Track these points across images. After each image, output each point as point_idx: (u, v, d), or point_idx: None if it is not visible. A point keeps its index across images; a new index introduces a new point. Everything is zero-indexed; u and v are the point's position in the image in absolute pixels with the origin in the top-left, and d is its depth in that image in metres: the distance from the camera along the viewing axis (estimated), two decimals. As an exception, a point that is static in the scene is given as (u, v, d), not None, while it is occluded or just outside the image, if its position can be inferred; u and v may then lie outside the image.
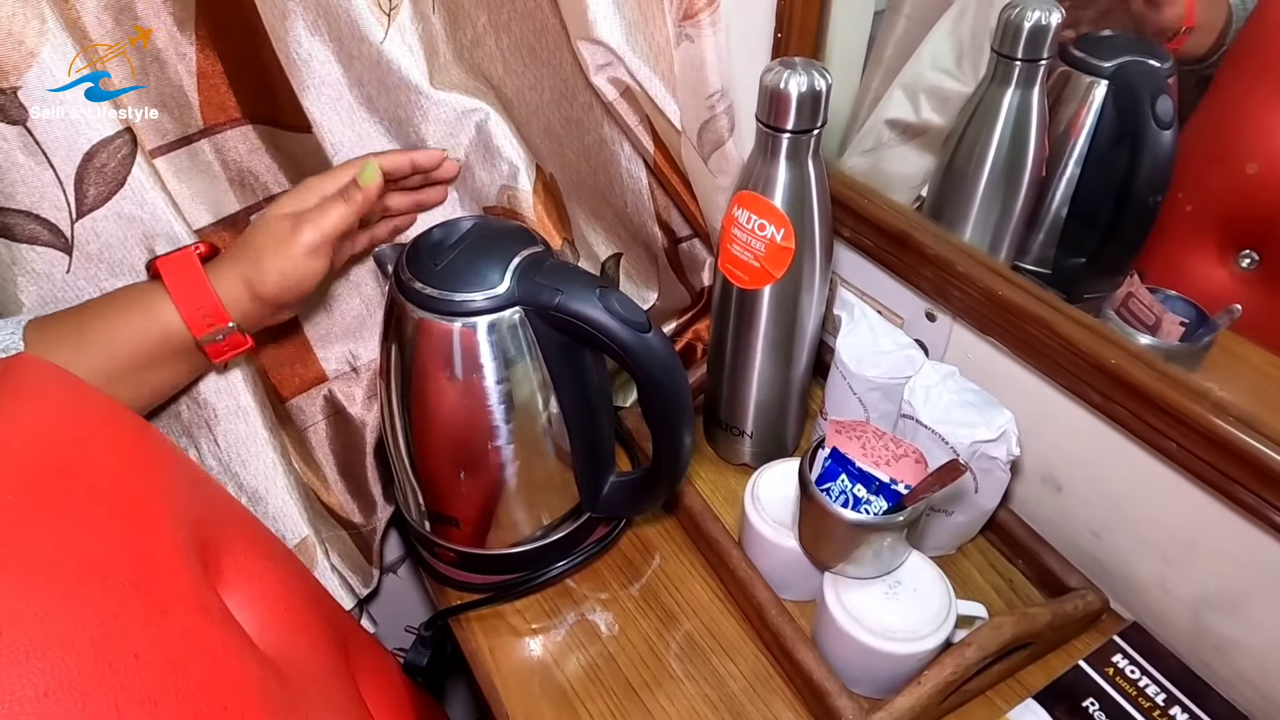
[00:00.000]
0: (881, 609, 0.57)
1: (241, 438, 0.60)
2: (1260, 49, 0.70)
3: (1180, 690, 0.58)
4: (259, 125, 0.58)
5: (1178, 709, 0.57)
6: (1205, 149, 0.74)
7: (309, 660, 0.46)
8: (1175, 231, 0.81)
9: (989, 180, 0.72)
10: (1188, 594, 0.60)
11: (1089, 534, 0.65)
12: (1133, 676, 0.59)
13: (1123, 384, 0.56)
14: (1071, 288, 0.82)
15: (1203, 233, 0.78)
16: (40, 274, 0.52)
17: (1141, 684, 0.59)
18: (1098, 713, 0.57)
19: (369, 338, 0.70)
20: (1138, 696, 0.58)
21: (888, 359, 0.67)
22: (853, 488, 0.59)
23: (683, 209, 0.72)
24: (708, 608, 0.66)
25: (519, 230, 0.58)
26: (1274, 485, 0.49)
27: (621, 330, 0.53)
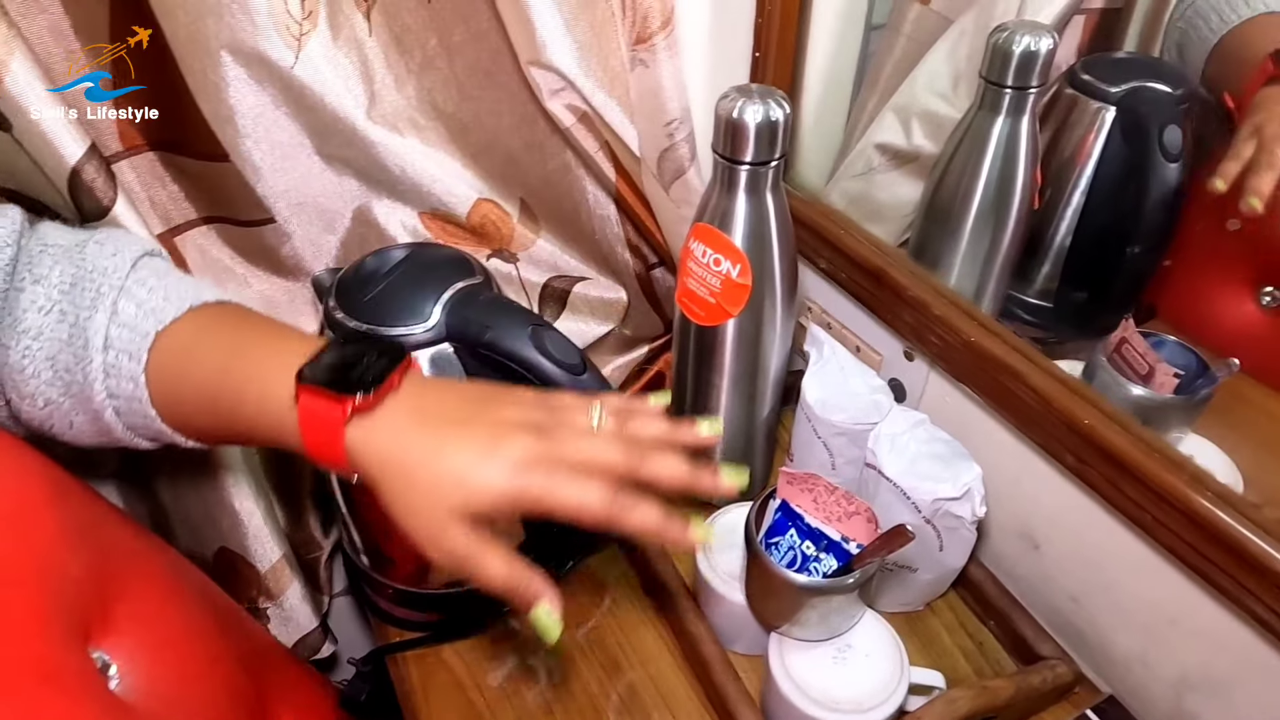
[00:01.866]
0: (828, 675, 0.54)
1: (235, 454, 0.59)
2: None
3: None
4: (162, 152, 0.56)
5: None
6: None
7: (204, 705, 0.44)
8: (1193, 266, 0.76)
9: (976, 213, 0.68)
10: (1169, 673, 0.55)
11: (1067, 598, 0.61)
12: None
13: (1097, 447, 0.51)
14: (1073, 324, 0.77)
15: (1222, 268, 0.73)
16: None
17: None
18: None
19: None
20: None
21: (855, 402, 0.63)
22: (801, 544, 0.55)
23: (648, 236, 0.69)
24: (655, 659, 0.63)
25: (456, 259, 0.55)
26: (1254, 572, 0.44)
27: (554, 371, 0.50)
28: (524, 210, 0.65)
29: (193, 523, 0.61)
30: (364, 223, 0.63)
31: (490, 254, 0.67)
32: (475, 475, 0.39)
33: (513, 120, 0.62)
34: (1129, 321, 0.66)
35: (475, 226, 0.63)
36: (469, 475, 0.39)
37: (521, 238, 0.65)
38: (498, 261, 0.68)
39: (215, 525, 0.61)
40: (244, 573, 0.63)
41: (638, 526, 0.42)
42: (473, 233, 0.64)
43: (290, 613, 0.66)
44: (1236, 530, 0.45)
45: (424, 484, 0.39)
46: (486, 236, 0.64)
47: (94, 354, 0.41)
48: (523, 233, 0.65)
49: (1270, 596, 0.44)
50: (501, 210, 0.63)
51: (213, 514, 0.60)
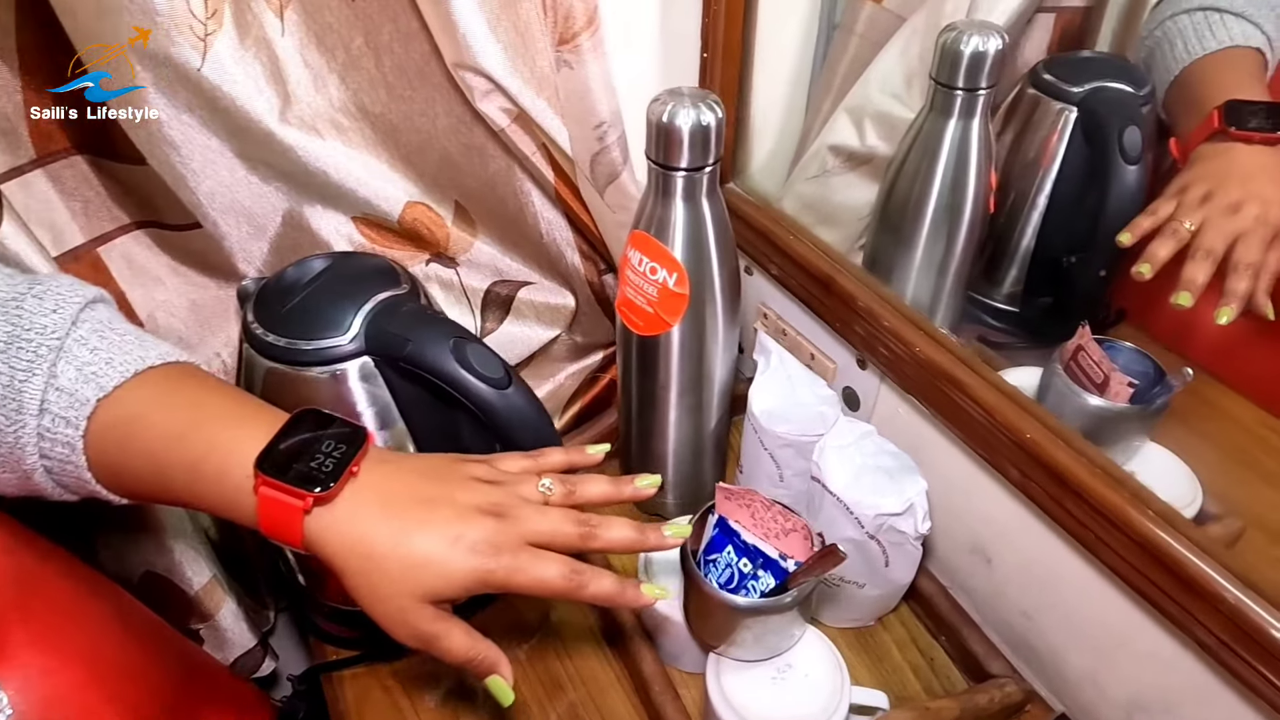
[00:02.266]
0: (765, 696, 0.52)
1: None
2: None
3: None
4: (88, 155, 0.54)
5: None
6: None
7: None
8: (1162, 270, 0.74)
9: (929, 217, 0.66)
10: (1119, 694, 0.54)
11: (1020, 614, 0.59)
12: None
13: (1040, 463, 0.50)
14: (1038, 329, 0.76)
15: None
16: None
17: None
18: None
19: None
20: None
21: (802, 413, 0.61)
22: (739, 561, 0.53)
23: (592, 241, 0.67)
24: (597, 677, 0.61)
25: (380, 269, 0.53)
26: (1196, 595, 0.43)
27: (476, 385, 0.49)
28: (459, 213, 0.63)
29: (114, 544, 0.59)
30: (296, 228, 0.61)
31: (429, 259, 0.65)
32: (442, 563, 0.40)
33: (449, 122, 0.60)
34: (1085, 329, 0.64)
35: (408, 230, 0.61)
36: (436, 563, 0.40)
37: (458, 240, 0.63)
38: (438, 267, 0.66)
39: (139, 546, 0.59)
40: (173, 596, 0.61)
41: (595, 596, 0.44)
42: (407, 237, 0.62)
43: (225, 632, 0.64)
44: (1177, 551, 0.43)
45: (391, 571, 0.40)
46: (422, 240, 0.62)
47: (28, 418, 0.39)
48: (459, 235, 0.63)
49: (1212, 620, 0.43)
50: (434, 213, 0.61)
51: (135, 535, 0.58)
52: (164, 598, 0.61)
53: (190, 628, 0.63)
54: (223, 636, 0.64)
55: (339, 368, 0.49)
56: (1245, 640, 0.41)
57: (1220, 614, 0.42)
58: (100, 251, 0.58)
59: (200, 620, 0.62)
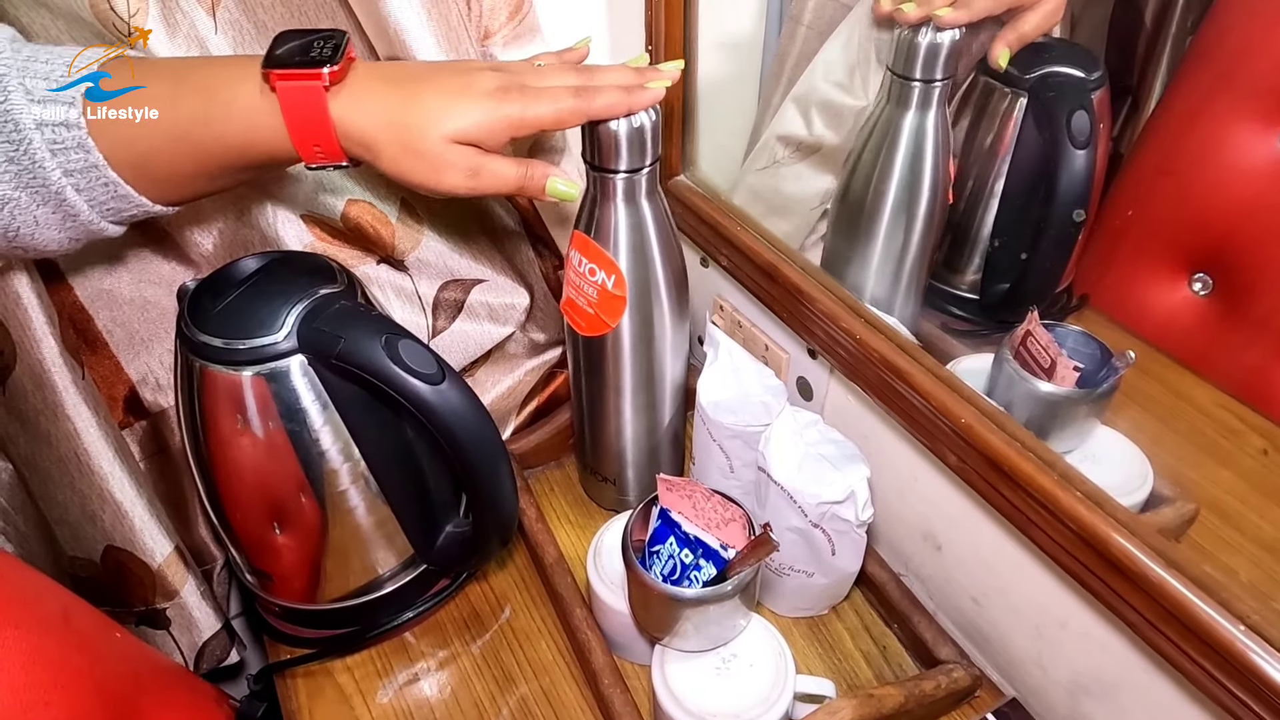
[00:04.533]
0: (708, 687, 0.52)
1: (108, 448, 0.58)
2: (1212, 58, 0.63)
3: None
4: None
5: None
6: (1154, 164, 0.68)
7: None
8: (1124, 254, 0.74)
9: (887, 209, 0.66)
10: (1063, 675, 0.54)
11: (970, 600, 0.59)
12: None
13: (975, 448, 0.50)
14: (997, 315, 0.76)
15: (1153, 255, 0.71)
16: None
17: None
18: None
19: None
20: None
21: (747, 404, 0.61)
22: (680, 552, 0.53)
23: (544, 236, 0.67)
24: (550, 670, 0.61)
25: (317, 267, 0.53)
26: (1123, 576, 0.43)
27: (409, 381, 0.48)
28: (405, 209, 0.63)
29: (71, 522, 0.59)
30: (247, 224, 0.61)
31: (379, 260, 0.65)
32: (462, 105, 0.43)
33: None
34: (1033, 314, 0.64)
35: (353, 229, 0.61)
36: (456, 106, 0.43)
37: (404, 237, 0.63)
38: (388, 269, 0.66)
39: (96, 522, 0.59)
40: (136, 571, 0.61)
41: (606, 107, 0.47)
42: (353, 236, 0.62)
43: (191, 613, 0.64)
44: (1104, 532, 0.43)
45: (419, 126, 0.43)
46: (368, 240, 0.62)
47: (29, 134, 0.40)
48: (405, 233, 0.63)
49: (1138, 600, 0.43)
50: (377, 210, 0.61)
51: (91, 510, 0.58)
52: (127, 575, 0.61)
53: (156, 607, 0.63)
54: (189, 617, 0.64)
55: (273, 366, 0.49)
56: (1171, 621, 0.41)
57: (1145, 594, 0.42)
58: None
59: (165, 598, 0.62)
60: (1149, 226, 0.71)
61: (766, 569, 0.61)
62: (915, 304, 0.73)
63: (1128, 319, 0.70)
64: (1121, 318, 0.72)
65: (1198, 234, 0.67)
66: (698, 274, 0.76)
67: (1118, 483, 0.48)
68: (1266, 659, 0.37)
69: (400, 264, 0.66)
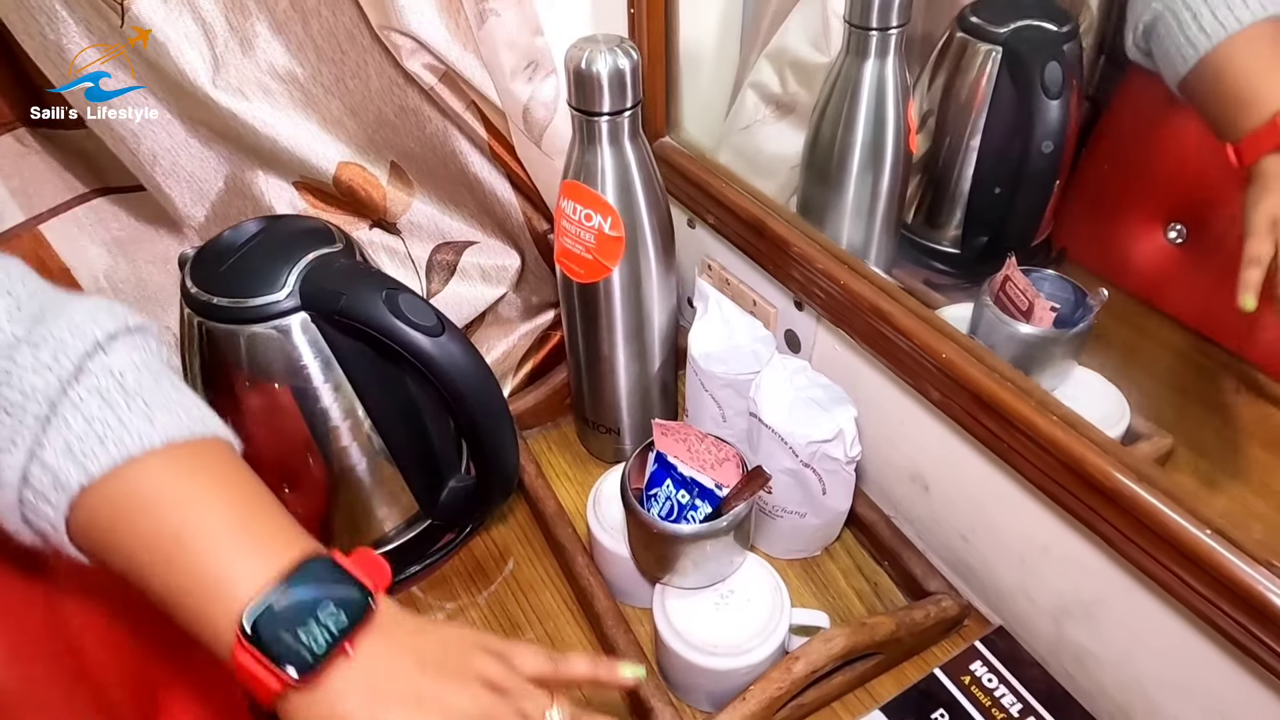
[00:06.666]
0: (707, 621, 0.54)
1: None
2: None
3: (1039, 700, 0.55)
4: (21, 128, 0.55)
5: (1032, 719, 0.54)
6: (1130, 117, 0.70)
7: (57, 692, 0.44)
8: (1102, 207, 0.76)
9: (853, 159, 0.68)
10: (1047, 602, 0.56)
11: (958, 537, 0.62)
12: (989, 685, 0.56)
13: (955, 380, 0.52)
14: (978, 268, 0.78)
15: (1129, 207, 0.73)
16: None
17: (998, 693, 0.55)
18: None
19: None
20: (991, 707, 0.54)
21: (737, 354, 0.63)
22: (677, 493, 0.55)
23: (534, 199, 0.69)
24: (554, 617, 0.63)
25: (316, 229, 0.55)
26: (1098, 493, 0.45)
27: (410, 334, 0.50)
28: (394, 172, 0.64)
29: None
30: (240, 194, 0.62)
31: (371, 224, 0.67)
32: None
33: (382, 84, 0.61)
34: (1012, 260, 0.66)
35: (345, 192, 0.62)
36: None
37: (395, 200, 0.64)
38: (381, 233, 0.68)
39: None
40: None
41: None
42: (347, 201, 0.63)
43: None
44: (1080, 452, 0.45)
45: None
46: (360, 203, 0.63)
47: (7, 490, 0.35)
48: (396, 195, 0.64)
49: (1113, 515, 0.45)
50: (368, 173, 0.62)
51: None
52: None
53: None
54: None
55: (278, 324, 0.51)
56: (1144, 531, 0.43)
57: (1119, 508, 0.44)
58: (42, 229, 0.59)
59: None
60: (1125, 179, 0.73)
61: (760, 511, 0.63)
62: (888, 253, 0.75)
63: (1105, 270, 0.73)
64: (1099, 269, 0.74)
65: (1173, 185, 0.68)
66: (685, 235, 0.78)
67: (1095, 419, 0.49)
68: (1233, 559, 0.40)
69: (393, 227, 0.67)
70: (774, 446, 0.58)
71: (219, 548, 0.36)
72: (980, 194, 0.75)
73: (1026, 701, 0.55)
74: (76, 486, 0.35)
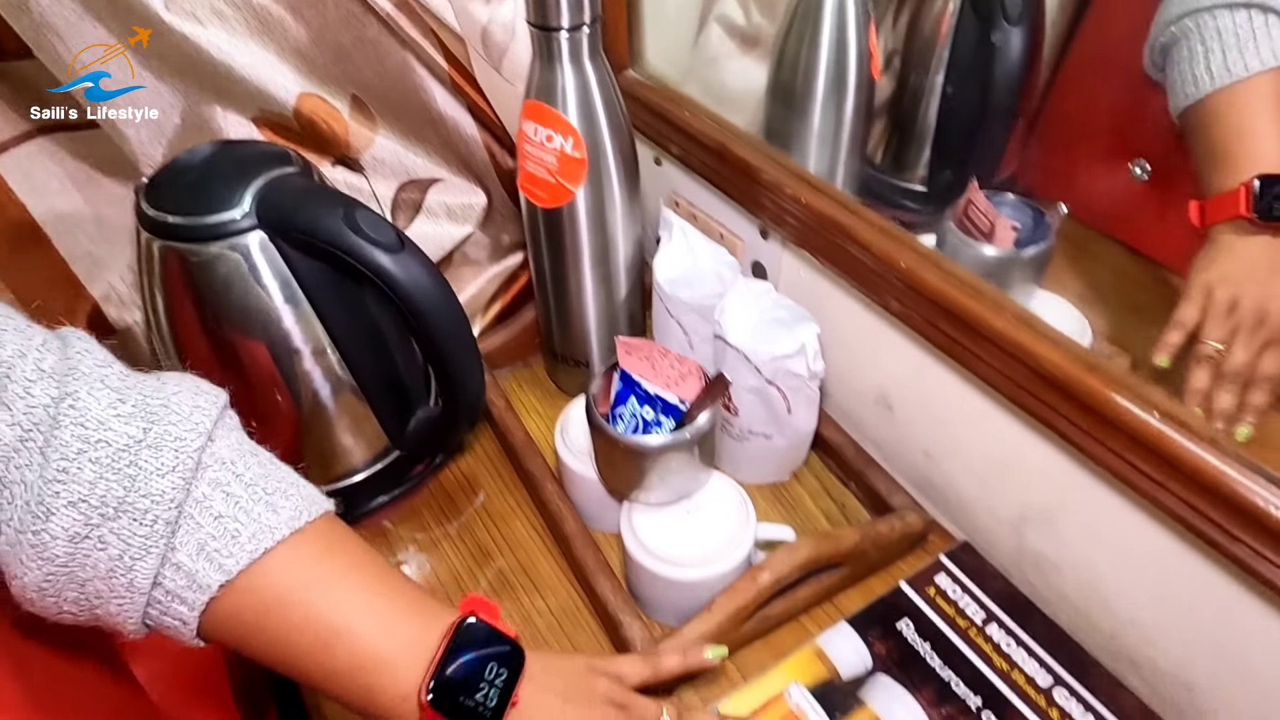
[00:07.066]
0: (674, 535, 0.55)
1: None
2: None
3: (1002, 609, 0.56)
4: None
5: (994, 626, 0.55)
6: (1094, 53, 0.70)
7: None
8: (1067, 145, 0.77)
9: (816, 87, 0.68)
10: (1009, 513, 0.57)
11: (921, 455, 0.62)
12: (953, 597, 0.57)
13: (914, 288, 0.52)
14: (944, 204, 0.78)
15: (1095, 145, 0.74)
16: None
17: (962, 604, 0.56)
18: (911, 634, 0.54)
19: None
20: (956, 616, 0.55)
21: (702, 278, 0.63)
22: (641, 409, 0.56)
23: (499, 135, 0.69)
24: (525, 545, 0.64)
25: (273, 152, 0.54)
26: (1051, 387, 0.46)
27: (370, 251, 0.50)
28: (356, 105, 0.64)
29: None
30: (197, 129, 0.62)
31: (334, 161, 0.66)
32: None
33: (339, 15, 0.61)
34: (974, 183, 0.67)
35: (306, 124, 0.61)
36: None
37: (358, 135, 0.64)
38: (345, 171, 0.67)
39: None
40: None
41: None
42: (308, 136, 0.63)
43: None
44: (1032, 347, 0.46)
45: None
46: (322, 138, 0.63)
47: (137, 595, 0.35)
48: (358, 130, 0.64)
49: (1066, 407, 0.46)
50: (329, 105, 0.62)
51: None
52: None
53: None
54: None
55: (235, 243, 0.51)
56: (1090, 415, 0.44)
57: (1072, 400, 0.45)
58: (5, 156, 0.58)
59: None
60: (1091, 116, 0.74)
61: (728, 435, 0.63)
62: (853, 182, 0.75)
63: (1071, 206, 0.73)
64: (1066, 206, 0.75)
65: (1139, 121, 0.69)
66: (654, 174, 0.78)
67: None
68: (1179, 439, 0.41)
69: (356, 164, 0.67)
70: (739, 365, 0.59)
71: (375, 626, 0.39)
72: (945, 129, 0.75)
73: (989, 610, 0.56)
74: (216, 586, 0.36)
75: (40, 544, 0.33)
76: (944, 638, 0.54)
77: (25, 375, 0.34)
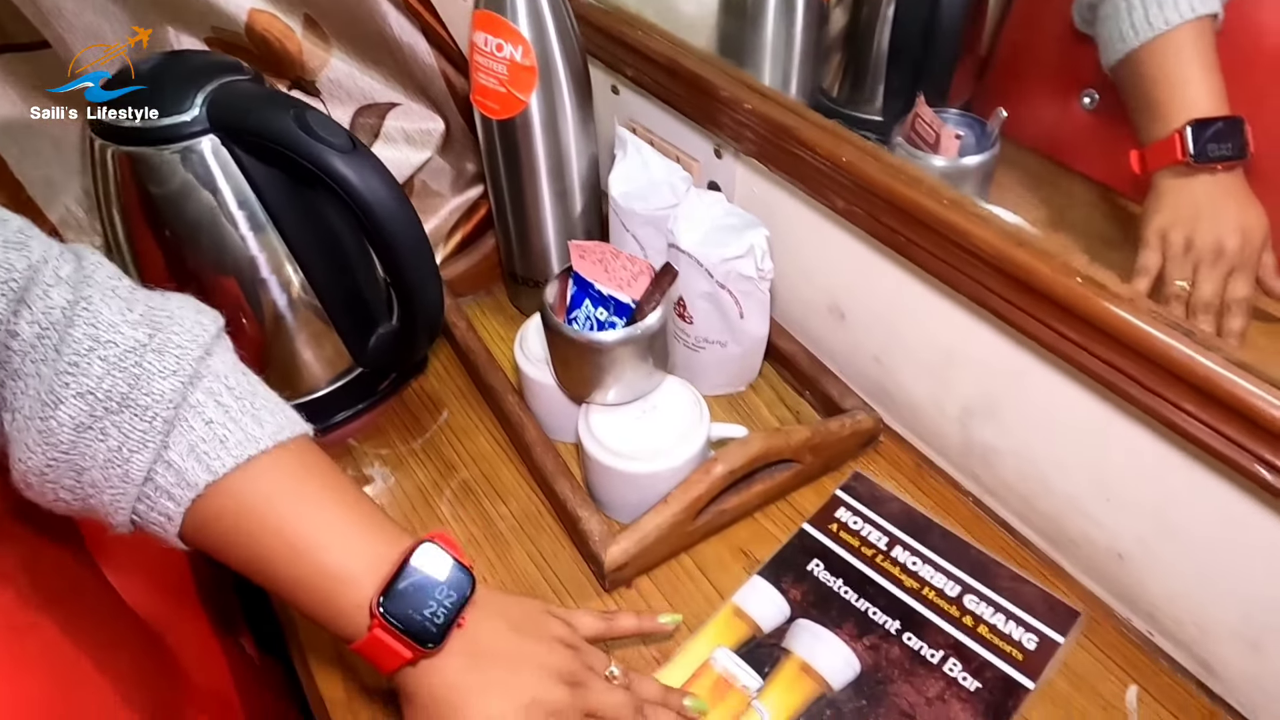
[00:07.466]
0: (628, 433, 0.56)
1: None
2: None
3: (902, 530, 0.57)
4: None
5: (899, 549, 0.56)
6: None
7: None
8: (1020, 76, 0.78)
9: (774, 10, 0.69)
10: (954, 409, 0.59)
11: (872, 360, 0.64)
12: (855, 527, 0.58)
13: (857, 182, 0.54)
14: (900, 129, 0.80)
15: (1047, 76, 0.76)
16: None
17: (864, 533, 0.57)
18: (823, 573, 0.55)
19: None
20: (860, 546, 0.57)
21: (656, 190, 0.64)
22: (595, 311, 0.57)
23: (450, 55, 0.69)
24: (489, 457, 0.65)
25: (223, 61, 0.55)
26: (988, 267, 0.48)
27: (321, 150, 0.51)
28: (309, 25, 0.64)
29: None
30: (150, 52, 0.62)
31: (290, 85, 0.67)
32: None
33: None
34: (920, 98, 0.68)
35: (259, 43, 0.62)
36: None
37: (312, 56, 0.64)
38: (300, 95, 0.67)
39: None
40: None
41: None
42: (260, 54, 0.63)
43: None
44: (963, 227, 0.48)
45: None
46: (275, 57, 0.63)
47: (130, 486, 0.38)
48: (311, 50, 0.64)
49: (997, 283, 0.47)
50: (281, 23, 0.62)
51: None
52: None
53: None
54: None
55: (188, 145, 0.51)
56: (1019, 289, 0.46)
57: (1002, 273, 0.47)
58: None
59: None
60: (1042, 50, 0.76)
61: (684, 345, 0.65)
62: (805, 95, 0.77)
63: (1024, 138, 0.75)
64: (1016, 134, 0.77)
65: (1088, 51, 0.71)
66: (610, 101, 0.79)
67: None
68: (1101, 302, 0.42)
69: (311, 86, 0.67)
70: (690, 270, 0.60)
71: (341, 541, 0.41)
72: (898, 58, 0.77)
73: (891, 533, 0.57)
74: (203, 484, 0.38)
75: (47, 429, 0.36)
76: (854, 570, 0.55)
77: (45, 280, 0.37)
